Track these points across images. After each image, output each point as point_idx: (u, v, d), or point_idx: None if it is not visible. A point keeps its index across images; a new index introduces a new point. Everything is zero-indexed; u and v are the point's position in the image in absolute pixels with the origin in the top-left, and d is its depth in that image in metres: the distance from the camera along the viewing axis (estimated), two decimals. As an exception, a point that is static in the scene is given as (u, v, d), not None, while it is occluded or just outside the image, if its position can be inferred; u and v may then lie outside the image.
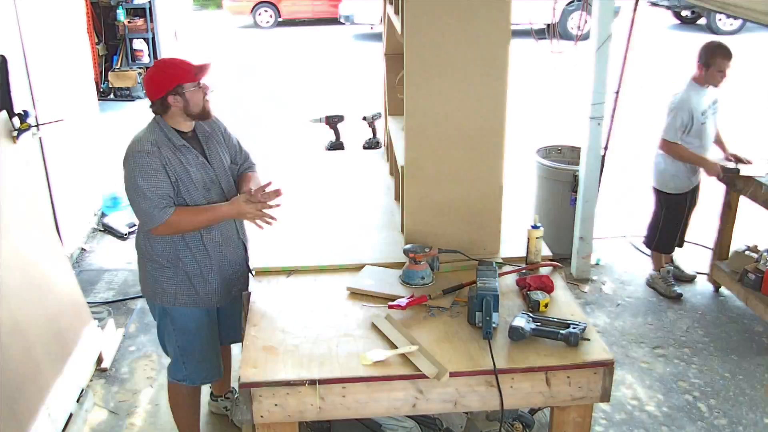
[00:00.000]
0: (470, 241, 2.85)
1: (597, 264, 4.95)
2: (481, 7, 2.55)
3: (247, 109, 9.10)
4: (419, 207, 2.82)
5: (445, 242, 2.81)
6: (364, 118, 4.83)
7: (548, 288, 2.60)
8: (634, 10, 4.44)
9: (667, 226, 4.46)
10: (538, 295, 2.53)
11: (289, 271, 2.82)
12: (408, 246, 2.73)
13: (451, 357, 2.28)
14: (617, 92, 4.63)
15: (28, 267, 3.27)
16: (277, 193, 2.68)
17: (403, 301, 2.42)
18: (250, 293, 2.72)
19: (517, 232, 3.12)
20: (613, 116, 4.67)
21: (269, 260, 2.89)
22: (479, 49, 2.60)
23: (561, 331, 2.34)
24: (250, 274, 2.90)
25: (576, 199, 4.68)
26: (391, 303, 2.44)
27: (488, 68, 2.63)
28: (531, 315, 2.44)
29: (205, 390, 3.48)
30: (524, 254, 2.89)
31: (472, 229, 2.86)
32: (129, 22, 9.82)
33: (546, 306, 2.51)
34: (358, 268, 2.82)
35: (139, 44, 9.91)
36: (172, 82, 2.61)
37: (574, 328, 2.35)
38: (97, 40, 9.53)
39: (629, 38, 4.55)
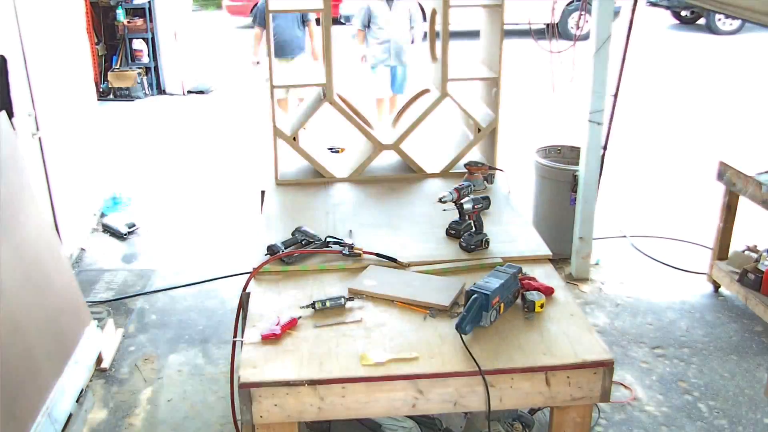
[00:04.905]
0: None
1: (597, 264, 4.95)
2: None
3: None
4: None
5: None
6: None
7: (543, 291, 2.61)
8: (633, 10, 4.44)
9: None
10: (534, 296, 2.53)
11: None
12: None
13: (450, 357, 2.28)
14: (615, 94, 4.63)
15: (28, 267, 3.27)
16: None
17: (277, 329, 2.41)
18: (249, 293, 2.72)
19: (516, 232, 3.13)
20: (612, 116, 4.67)
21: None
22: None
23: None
24: None
25: (576, 199, 4.68)
26: (263, 333, 2.42)
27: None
28: None
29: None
30: (524, 254, 2.90)
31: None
32: (128, 22, 9.84)
33: (542, 306, 2.51)
34: (361, 268, 2.81)
35: (138, 44, 9.93)
36: None
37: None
38: (96, 41, 9.54)
39: (628, 39, 4.55)
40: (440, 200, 2.96)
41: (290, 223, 3.16)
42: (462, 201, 2.93)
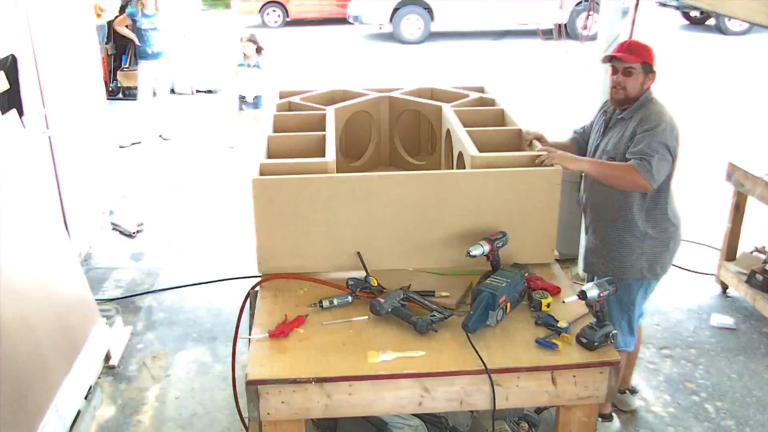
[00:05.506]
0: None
1: (604, 264, 4.93)
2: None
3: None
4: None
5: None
6: None
7: (550, 290, 2.61)
8: (635, 10, 4.43)
9: None
10: (540, 295, 2.54)
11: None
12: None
13: (457, 356, 2.29)
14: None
15: (37, 265, 3.30)
16: None
17: (284, 327, 2.42)
18: (257, 291, 2.73)
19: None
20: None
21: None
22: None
23: (413, 318, 2.40)
24: None
25: (582, 199, 4.66)
26: (271, 330, 2.42)
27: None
28: (407, 294, 2.53)
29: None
30: (535, 261, 2.89)
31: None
32: (138, 21, 9.85)
33: (548, 306, 2.52)
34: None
35: (147, 44, 9.93)
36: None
37: (433, 315, 2.41)
38: (106, 40, 9.57)
39: (630, 38, 4.54)
40: (469, 254, 2.61)
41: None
42: (584, 288, 2.35)
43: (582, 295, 2.34)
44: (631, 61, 2.93)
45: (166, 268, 5.00)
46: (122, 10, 8.51)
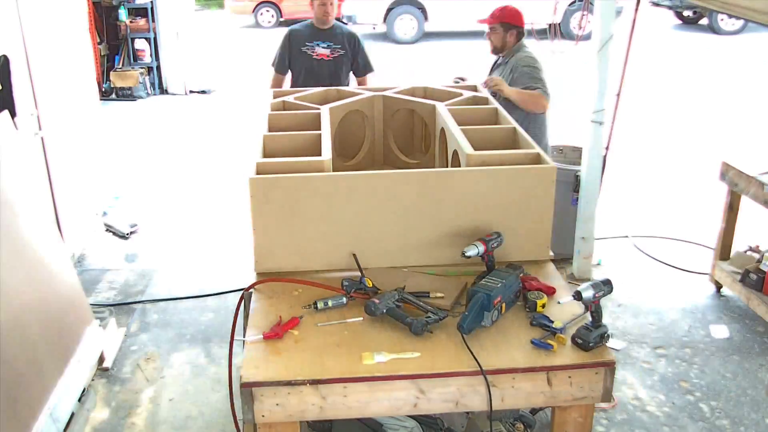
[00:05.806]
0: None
1: (598, 264, 4.95)
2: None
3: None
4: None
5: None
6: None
7: (545, 290, 2.61)
8: (636, 10, 4.44)
9: None
10: (535, 296, 2.54)
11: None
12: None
13: (452, 357, 2.28)
14: (618, 94, 4.63)
15: (30, 267, 3.28)
16: None
17: (278, 329, 2.41)
18: (251, 293, 2.72)
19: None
20: (614, 117, 4.66)
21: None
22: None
23: (408, 319, 2.38)
24: None
25: (577, 199, 4.68)
26: (265, 332, 2.42)
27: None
28: (402, 295, 2.51)
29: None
30: (531, 258, 2.88)
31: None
32: (131, 21, 9.86)
33: (543, 306, 2.51)
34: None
35: (140, 44, 9.95)
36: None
37: (428, 317, 2.40)
38: (99, 40, 9.56)
39: (631, 39, 4.55)
40: (464, 255, 2.61)
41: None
42: (580, 289, 2.34)
43: (577, 295, 2.34)
44: (489, 22, 4.33)
45: (160, 270, 4.99)
46: None
